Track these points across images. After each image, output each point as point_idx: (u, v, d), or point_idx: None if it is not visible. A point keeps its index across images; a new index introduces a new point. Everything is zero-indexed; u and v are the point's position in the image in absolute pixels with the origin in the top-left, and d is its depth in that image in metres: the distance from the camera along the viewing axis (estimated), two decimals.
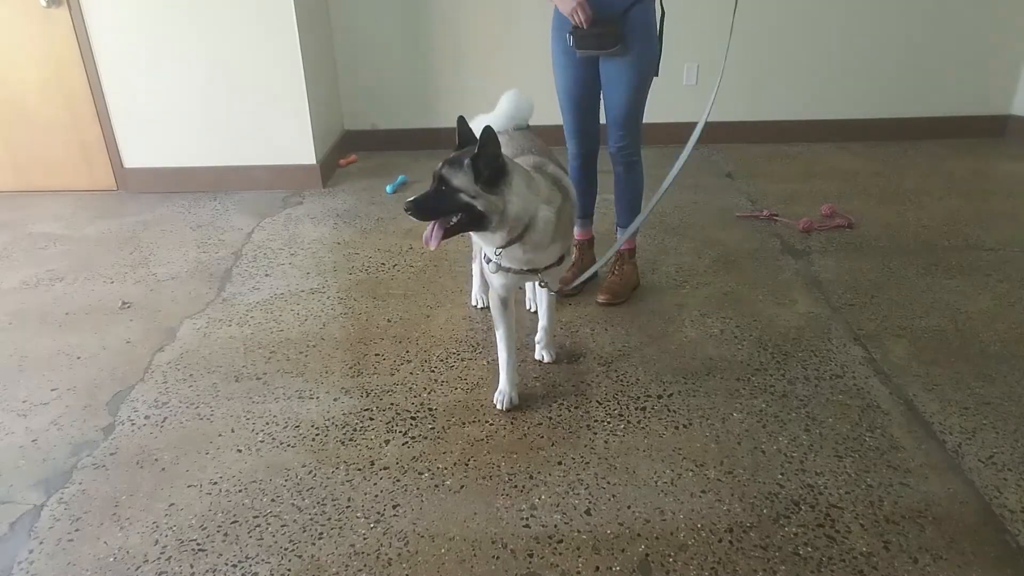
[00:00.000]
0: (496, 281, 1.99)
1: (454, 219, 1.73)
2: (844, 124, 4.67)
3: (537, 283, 2.08)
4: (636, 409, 2.08)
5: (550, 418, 2.05)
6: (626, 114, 2.51)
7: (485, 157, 1.67)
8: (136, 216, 3.68)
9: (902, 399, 2.10)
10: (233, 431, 2.03)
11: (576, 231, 2.74)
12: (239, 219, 3.62)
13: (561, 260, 1.99)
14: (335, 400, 2.16)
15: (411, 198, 1.73)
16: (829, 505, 1.71)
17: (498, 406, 2.09)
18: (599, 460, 1.88)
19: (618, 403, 2.11)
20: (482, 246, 1.94)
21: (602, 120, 2.62)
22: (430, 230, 1.76)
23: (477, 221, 1.73)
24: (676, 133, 4.65)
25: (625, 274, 2.73)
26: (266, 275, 2.99)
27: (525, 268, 1.92)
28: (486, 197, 1.70)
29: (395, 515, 1.72)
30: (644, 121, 2.61)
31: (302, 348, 2.44)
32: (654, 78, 2.49)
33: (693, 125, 2.40)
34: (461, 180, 1.69)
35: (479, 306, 2.65)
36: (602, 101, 2.57)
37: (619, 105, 2.50)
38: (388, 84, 4.59)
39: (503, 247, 1.83)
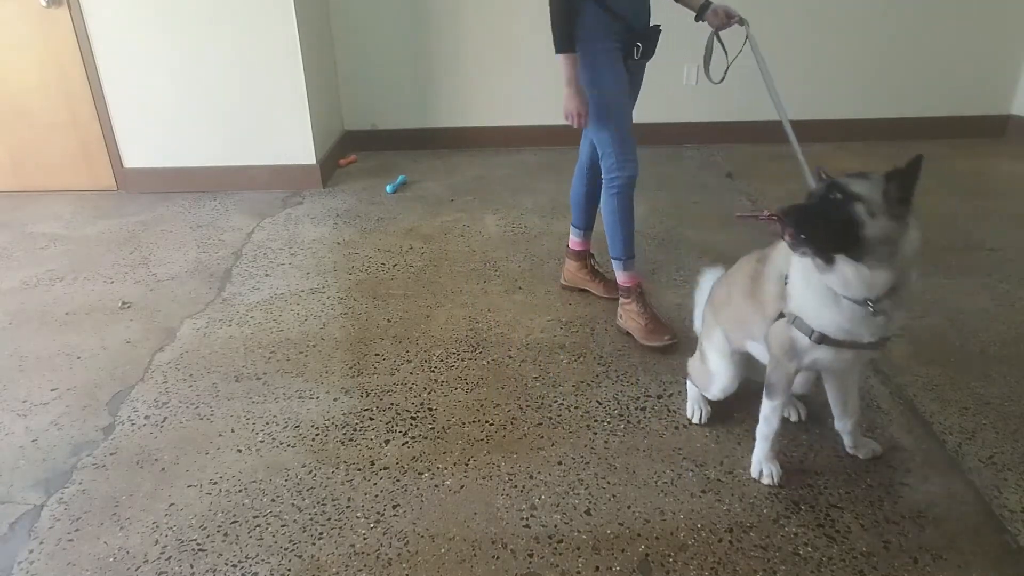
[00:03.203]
0: (809, 356, 1.59)
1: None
2: (844, 124, 4.66)
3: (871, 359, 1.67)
4: (636, 409, 2.08)
5: (550, 418, 2.05)
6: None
7: (907, 177, 1.32)
8: (136, 216, 3.68)
9: (902, 399, 2.10)
10: (233, 431, 2.03)
11: (628, 276, 2.49)
12: (239, 219, 3.62)
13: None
14: (335, 400, 2.16)
15: (790, 206, 1.39)
16: (829, 505, 1.71)
17: (764, 480, 1.77)
18: (599, 460, 1.88)
19: (618, 403, 2.11)
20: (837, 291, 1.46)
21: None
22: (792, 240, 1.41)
23: (852, 247, 1.36)
24: (676, 133, 4.68)
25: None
26: (266, 275, 2.99)
27: (873, 337, 1.50)
28: (886, 221, 1.34)
29: (395, 515, 1.72)
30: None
31: (302, 348, 2.44)
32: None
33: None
34: (864, 187, 1.36)
35: (697, 421, 2.01)
36: None
37: (632, 115, 2.43)
38: (388, 84, 4.59)
39: (876, 300, 1.43)
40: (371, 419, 2.07)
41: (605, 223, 2.43)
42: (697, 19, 2.37)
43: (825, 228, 1.37)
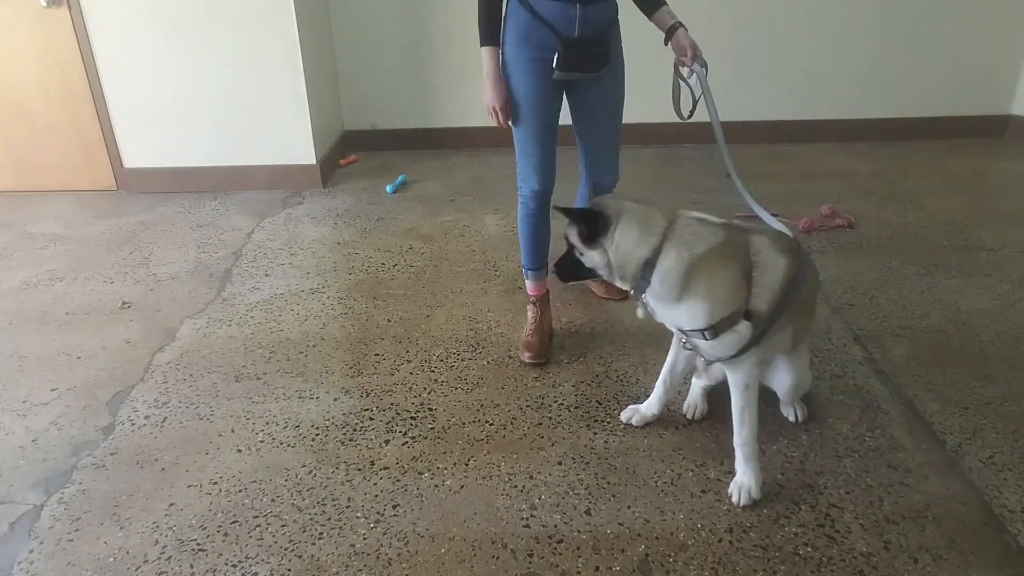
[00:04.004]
0: None
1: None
2: (844, 124, 4.67)
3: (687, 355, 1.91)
4: None
5: (550, 418, 2.05)
6: (617, 141, 2.30)
7: (582, 220, 1.71)
8: (136, 216, 3.68)
9: (902, 399, 2.10)
10: (233, 431, 2.03)
11: (529, 285, 2.46)
12: (239, 219, 3.62)
13: (713, 336, 1.61)
14: (335, 400, 2.16)
15: (557, 260, 1.87)
16: (829, 505, 1.72)
17: (630, 420, 2.01)
18: (599, 460, 1.88)
19: (618, 403, 2.11)
20: None
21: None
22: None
23: (587, 273, 1.79)
24: (676, 133, 4.67)
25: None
26: (266, 275, 2.99)
27: (666, 323, 1.75)
28: (588, 253, 1.73)
29: (395, 515, 1.72)
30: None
31: (302, 348, 2.44)
32: None
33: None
34: (573, 237, 1.76)
35: (691, 417, 2.04)
36: (580, 131, 2.31)
37: (611, 132, 2.28)
38: (388, 84, 4.59)
39: (634, 289, 1.72)
40: (371, 419, 2.07)
41: None
42: (666, 43, 2.19)
43: (571, 271, 1.84)
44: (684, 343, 1.78)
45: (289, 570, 1.58)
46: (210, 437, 2.01)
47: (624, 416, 2.02)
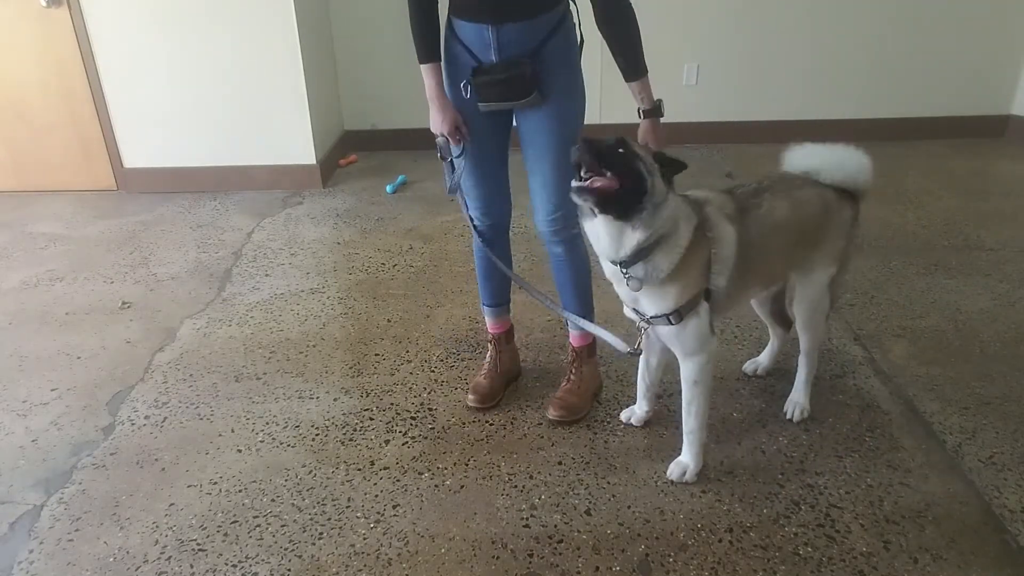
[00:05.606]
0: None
1: (614, 181, 1.46)
2: (844, 124, 4.66)
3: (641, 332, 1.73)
4: None
5: (550, 418, 2.05)
6: (559, 178, 1.82)
7: (670, 156, 1.52)
8: (136, 216, 3.68)
9: (902, 399, 2.10)
10: (233, 431, 2.03)
11: (488, 321, 2.22)
12: (239, 219, 3.62)
13: (678, 320, 1.60)
14: (335, 400, 2.16)
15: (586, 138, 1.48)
16: (829, 505, 1.72)
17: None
18: (599, 460, 1.88)
19: (618, 403, 2.11)
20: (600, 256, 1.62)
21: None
22: (587, 182, 1.45)
23: (632, 199, 1.47)
24: (675, 134, 4.67)
25: (584, 378, 2.10)
26: (266, 275, 2.99)
27: (632, 304, 1.68)
28: (658, 179, 1.49)
29: (395, 515, 1.72)
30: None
31: (302, 348, 2.44)
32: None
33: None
34: (643, 152, 1.52)
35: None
36: (524, 164, 1.97)
37: (547, 169, 1.87)
38: (388, 84, 4.59)
39: (628, 261, 1.54)
40: (371, 419, 2.07)
41: None
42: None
43: (612, 167, 1.46)
44: (640, 327, 1.70)
45: (289, 570, 1.58)
46: (210, 437, 2.01)
47: (624, 416, 2.03)
